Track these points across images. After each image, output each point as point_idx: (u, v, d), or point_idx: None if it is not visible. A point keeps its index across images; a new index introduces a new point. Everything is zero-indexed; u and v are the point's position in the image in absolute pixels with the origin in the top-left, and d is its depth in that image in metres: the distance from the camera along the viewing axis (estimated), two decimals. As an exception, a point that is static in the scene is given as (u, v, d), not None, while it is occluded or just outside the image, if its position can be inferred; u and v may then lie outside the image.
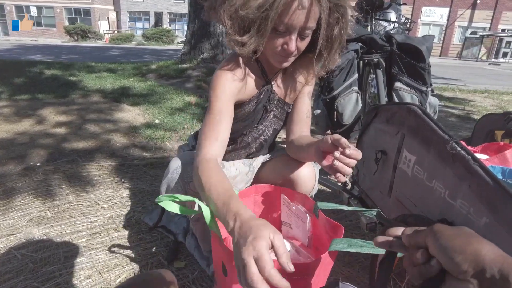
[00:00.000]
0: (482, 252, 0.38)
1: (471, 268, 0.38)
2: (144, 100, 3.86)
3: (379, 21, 2.09)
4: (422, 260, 0.43)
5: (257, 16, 0.78)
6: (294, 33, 0.83)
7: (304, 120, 1.09)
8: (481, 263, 0.37)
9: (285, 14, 0.79)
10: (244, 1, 0.78)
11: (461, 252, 0.39)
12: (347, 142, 0.77)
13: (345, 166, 0.76)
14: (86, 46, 17.85)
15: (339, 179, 0.77)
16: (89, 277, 1.15)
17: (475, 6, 25.15)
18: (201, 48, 5.72)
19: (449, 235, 0.41)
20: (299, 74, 1.05)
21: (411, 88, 1.74)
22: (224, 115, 0.91)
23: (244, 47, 0.84)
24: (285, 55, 0.88)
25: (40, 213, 1.53)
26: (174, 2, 29.52)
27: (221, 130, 0.89)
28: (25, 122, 2.88)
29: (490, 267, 0.37)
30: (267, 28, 0.80)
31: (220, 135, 0.89)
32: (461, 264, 0.39)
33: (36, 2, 27.51)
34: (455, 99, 5.20)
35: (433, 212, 0.84)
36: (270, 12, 0.77)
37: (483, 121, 1.33)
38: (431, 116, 0.89)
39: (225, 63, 0.95)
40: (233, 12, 0.80)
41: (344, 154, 0.76)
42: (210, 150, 0.86)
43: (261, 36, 0.82)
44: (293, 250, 0.94)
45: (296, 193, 1.01)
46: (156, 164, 2.13)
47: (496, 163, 1.00)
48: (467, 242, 0.40)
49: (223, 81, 0.92)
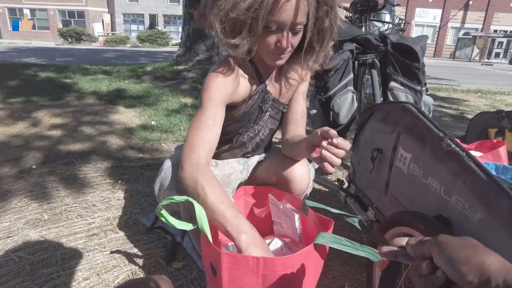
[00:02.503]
0: (487, 263, 0.38)
1: (476, 279, 0.38)
2: (139, 102, 3.85)
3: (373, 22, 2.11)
4: (428, 271, 0.44)
5: (248, 16, 0.79)
6: (286, 29, 0.84)
7: (299, 120, 1.10)
8: (486, 273, 0.38)
9: (275, 11, 0.80)
10: (233, 4, 0.78)
11: (466, 263, 0.39)
12: (335, 133, 0.78)
13: (333, 156, 0.78)
14: (81, 49, 17.75)
15: (326, 168, 0.78)
16: (87, 278, 1.15)
17: (468, 7, 25.43)
18: (196, 50, 5.72)
19: (454, 246, 0.42)
20: (293, 72, 1.05)
21: (405, 88, 1.76)
22: (217, 121, 0.92)
23: (237, 48, 0.84)
24: (279, 53, 0.89)
25: (37, 215, 1.52)
26: (169, 4, 29.48)
27: (212, 136, 0.91)
28: (19, 124, 2.86)
29: (495, 278, 0.37)
30: (258, 28, 0.81)
31: (212, 141, 0.90)
32: (467, 275, 0.39)
33: (29, 5, 27.31)
34: (449, 99, 5.25)
35: (429, 209, 0.85)
36: (260, 11, 0.78)
37: (477, 119, 1.35)
38: (426, 114, 0.90)
39: (217, 65, 0.95)
40: (223, 16, 0.80)
41: (332, 144, 0.78)
42: (203, 153, 0.88)
43: (253, 36, 0.83)
44: (285, 248, 0.95)
45: (283, 193, 1.01)
46: (152, 165, 2.13)
47: (490, 160, 1.01)
48: (472, 253, 0.40)
49: (216, 83, 0.93)
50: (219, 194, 0.81)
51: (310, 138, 0.87)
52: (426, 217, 0.81)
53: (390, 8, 2.13)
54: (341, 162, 0.80)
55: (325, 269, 1.21)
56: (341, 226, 1.53)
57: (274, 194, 1.00)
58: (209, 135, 0.90)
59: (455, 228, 0.76)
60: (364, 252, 0.67)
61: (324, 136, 0.80)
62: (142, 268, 1.21)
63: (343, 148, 0.78)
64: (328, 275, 1.20)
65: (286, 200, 0.99)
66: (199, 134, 0.89)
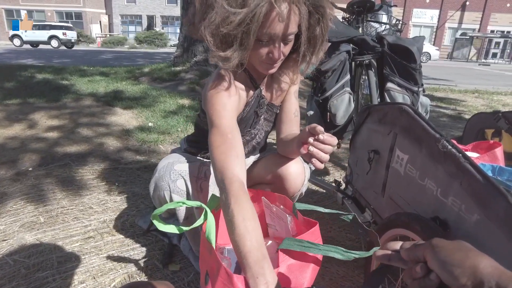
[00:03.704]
0: (480, 266, 0.39)
1: (470, 282, 0.39)
2: (137, 103, 3.84)
3: (370, 22, 2.11)
4: (422, 274, 0.44)
5: (239, 31, 0.78)
6: (277, 41, 0.83)
7: (293, 119, 1.11)
8: (479, 276, 0.38)
9: (266, 24, 0.79)
10: (223, 18, 0.76)
11: (460, 266, 0.40)
12: (322, 129, 0.79)
13: (320, 152, 0.78)
14: (78, 50, 17.71)
15: (315, 164, 0.78)
16: (83, 281, 1.14)
17: (465, 8, 25.55)
18: (194, 51, 5.71)
19: (448, 249, 0.42)
20: (285, 76, 1.06)
21: (402, 89, 1.76)
22: (235, 131, 0.86)
23: (228, 62, 0.83)
24: (271, 63, 0.89)
25: (33, 218, 1.51)
26: (167, 5, 29.47)
27: (238, 147, 0.84)
28: (16, 126, 2.85)
29: (488, 280, 0.38)
30: (249, 42, 0.80)
31: (240, 152, 0.83)
32: (460, 278, 0.39)
33: (26, 6, 27.25)
34: (446, 99, 5.26)
35: (426, 210, 0.85)
36: (252, 26, 0.76)
37: (474, 120, 1.35)
38: (422, 115, 0.90)
39: (215, 82, 0.92)
40: (214, 29, 0.79)
41: (318, 140, 0.78)
42: (236, 169, 0.79)
43: (244, 50, 0.82)
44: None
45: (276, 195, 1.01)
46: (149, 167, 2.12)
47: (487, 161, 1.01)
48: (466, 256, 0.41)
49: (221, 99, 0.89)
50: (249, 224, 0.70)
51: (300, 136, 0.89)
52: (423, 219, 0.80)
53: (387, 9, 2.13)
54: (339, 163, 0.80)
55: (322, 271, 1.21)
56: (339, 228, 1.52)
57: (267, 196, 1.00)
58: (235, 148, 0.83)
59: (452, 229, 0.76)
60: (328, 251, 0.65)
61: (311, 133, 0.81)
62: (138, 271, 1.20)
63: (330, 144, 0.79)
64: (326, 277, 1.19)
65: (280, 202, 0.99)
66: (224, 151, 0.82)
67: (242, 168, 0.81)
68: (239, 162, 0.81)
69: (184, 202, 0.77)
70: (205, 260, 0.77)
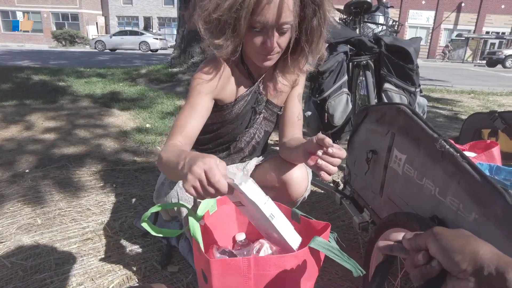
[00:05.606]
0: (480, 252, 0.40)
1: (470, 267, 0.40)
2: (134, 104, 3.83)
3: (367, 23, 2.12)
4: (423, 262, 0.46)
5: (230, 16, 0.79)
6: (271, 29, 0.83)
7: (296, 123, 1.11)
8: (479, 261, 0.40)
9: (257, 11, 0.80)
10: (215, 4, 0.80)
11: (460, 252, 0.41)
12: (331, 142, 0.78)
13: (329, 165, 0.78)
14: (75, 51, 17.65)
15: (323, 177, 0.78)
16: (81, 283, 1.13)
17: (460, 9, 25.73)
18: (191, 52, 5.70)
19: (449, 236, 0.44)
20: (286, 75, 1.05)
21: (399, 89, 1.77)
22: (195, 111, 0.93)
23: (221, 49, 0.85)
24: (266, 53, 0.88)
25: (30, 220, 1.50)
26: (163, 6, 29.44)
27: (188, 126, 0.92)
28: (12, 128, 2.83)
29: (488, 265, 0.39)
30: (241, 28, 0.81)
31: (186, 130, 0.91)
32: (461, 264, 0.41)
33: (22, 7, 27.12)
34: (443, 100, 5.29)
35: (424, 210, 0.85)
36: (242, 12, 0.78)
37: (470, 120, 1.36)
38: (420, 115, 0.90)
39: (205, 62, 0.97)
40: (206, 16, 0.82)
41: (326, 153, 0.78)
42: (174, 142, 0.89)
43: (236, 37, 0.83)
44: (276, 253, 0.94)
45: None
46: (147, 168, 2.12)
47: (484, 160, 1.02)
48: (466, 243, 0.42)
49: (198, 80, 0.94)
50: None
51: (306, 145, 0.86)
52: (421, 218, 0.81)
53: (384, 10, 2.15)
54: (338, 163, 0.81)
55: (321, 271, 1.21)
56: (337, 227, 1.53)
57: None
58: (184, 125, 0.91)
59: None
60: (350, 265, 0.71)
61: (320, 145, 0.80)
62: (137, 272, 1.20)
63: (339, 157, 0.78)
64: (324, 277, 1.19)
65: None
66: (174, 126, 0.92)
67: (182, 141, 0.90)
68: (181, 137, 0.90)
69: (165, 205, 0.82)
70: (198, 260, 0.78)
